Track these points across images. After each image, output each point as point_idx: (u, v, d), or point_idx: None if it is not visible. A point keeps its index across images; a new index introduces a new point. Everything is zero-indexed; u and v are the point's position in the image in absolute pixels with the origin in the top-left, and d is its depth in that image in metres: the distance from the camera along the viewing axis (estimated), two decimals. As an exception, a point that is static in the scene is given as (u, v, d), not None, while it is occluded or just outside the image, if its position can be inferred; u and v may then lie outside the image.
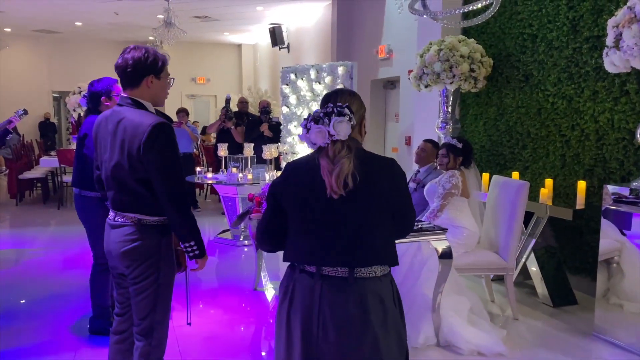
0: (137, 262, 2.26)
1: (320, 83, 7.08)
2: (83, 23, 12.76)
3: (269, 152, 5.95)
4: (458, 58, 4.97)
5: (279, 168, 6.81)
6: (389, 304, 1.82)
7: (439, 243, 3.36)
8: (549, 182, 4.41)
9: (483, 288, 4.39)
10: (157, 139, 2.15)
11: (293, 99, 7.55)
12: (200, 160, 10.29)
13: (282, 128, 7.74)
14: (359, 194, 1.77)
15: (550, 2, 4.66)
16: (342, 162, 1.74)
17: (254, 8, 10.84)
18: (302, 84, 7.37)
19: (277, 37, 12.04)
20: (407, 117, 7.36)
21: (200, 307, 4.19)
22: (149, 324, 2.31)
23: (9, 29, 13.54)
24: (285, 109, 7.69)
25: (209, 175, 6.51)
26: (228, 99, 8.11)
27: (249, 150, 6.27)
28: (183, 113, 8.33)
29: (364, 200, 1.79)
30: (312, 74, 7.19)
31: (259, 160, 6.50)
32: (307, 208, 1.82)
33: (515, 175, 4.75)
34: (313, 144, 1.81)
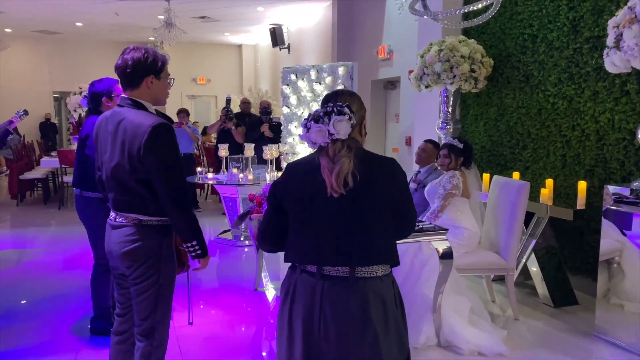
0: (137, 262, 2.26)
1: (321, 83, 7.08)
2: (84, 23, 12.77)
3: (270, 152, 5.96)
4: (458, 58, 4.97)
5: (280, 168, 6.81)
6: (390, 305, 1.82)
7: (440, 243, 3.36)
8: (550, 182, 4.41)
9: (484, 288, 4.39)
10: (157, 140, 2.15)
11: (293, 100, 7.55)
12: (201, 161, 10.29)
13: (282, 128, 7.74)
14: (359, 193, 1.77)
15: (551, 2, 4.66)
16: (342, 161, 1.75)
17: (255, 8, 10.84)
18: (302, 85, 7.37)
19: (277, 37, 12.05)
20: (407, 117, 7.36)
21: (201, 307, 4.19)
22: (150, 325, 2.31)
23: (10, 30, 13.55)
24: (286, 110, 7.69)
25: (210, 176, 6.52)
26: (228, 100, 8.11)
27: (250, 151, 6.28)
28: (184, 113, 8.34)
29: (364, 200, 1.79)
30: (312, 75, 7.19)
31: (260, 161, 6.50)
32: (307, 207, 1.83)
33: (516, 176, 4.75)
34: (313, 144, 1.81)
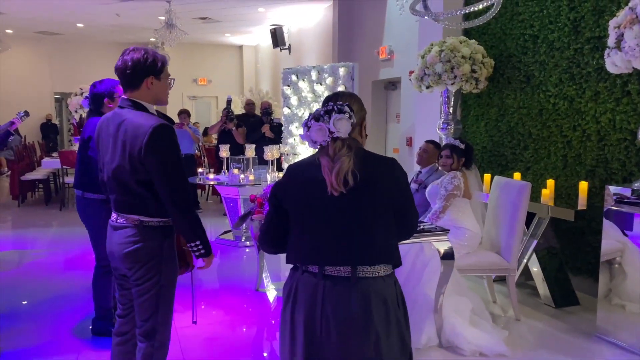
0: (139, 263, 2.26)
1: (322, 84, 7.08)
2: (84, 24, 12.78)
3: (271, 153, 5.96)
4: (459, 59, 4.97)
5: (281, 169, 6.81)
6: (392, 305, 1.82)
7: (441, 244, 3.36)
8: (551, 182, 4.41)
9: (485, 289, 4.39)
10: (158, 141, 2.15)
11: (294, 100, 7.55)
12: (202, 162, 10.29)
13: (283, 129, 7.74)
14: (360, 193, 1.78)
15: (552, 3, 4.66)
16: (342, 160, 1.75)
17: (255, 9, 10.85)
18: (303, 85, 7.37)
19: (278, 38, 12.06)
20: (408, 118, 7.36)
21: (203, 308, 4.19)
22: (152, 326, 2.31)
23: (11, 31, 13.56)
24: (287, 110, 7.69)
25: (211, 177, 6.52)
26: (229, 100, 8.11)
27: (251, 151, 6.28)
28: (185, 114, 8.34)
29: (365, 199, 1.79)
30: (313, 75, 7.19)
31: (261, 161, 6.51)
32: (308, 207, 1.83)
33: (517, 176, 4.75)
34: (314, 143, 1.81)
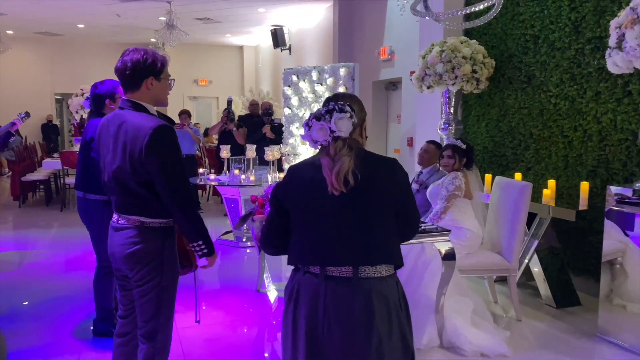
0: (140, 264, 2.26)
1: (322, 84, 7.08)
2: (85, 25, 12.79)
3: (271, 153, 5.96)
4: (460, 59, 4.96)
5: (281, 169, 6.81)
6: (394, 305, 1.82)
7: (442, 244, 3.36)
8: (552, 183, 4.40)
9: (486, 289, 4.39)
10: (158, 142, 2.15)
11: (295, 101, 7.54)
12: (203, 162, 10.30)
13: (284, 129, 7.74)
14: (360, 192, 1.78)
15: (553, 3, 4.66)
16: (342, 159, 1.75)
17: (256, 10, 10.85)
18: (304, 86, 7.37)
19: (278, 38, 12.06)
20: (409, 118, 7.36)
21: (204, 308, 4.19)
22: (153, 327, 2.31)
23: (11, 32, 13.57)
24: (287, 111, 7.68)
25: (212, 177, 6.52)
26: (230, 101, 8.11)
27: (252, 152, 6.28)
28: (185, 115, 8.34)
29: (365, 199, 1.79)
30: (314, 76, 7.18)
31: (261, 162, 6.50)
32: (309, 207, 1.83)
33: (518, 176, 4.74)
34: (315, 142, 1.81)
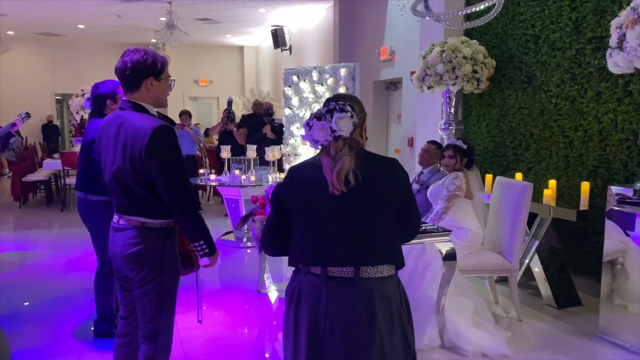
0: (140, 265, 2.26)
1: (323, 85, 7.08)
2: (86, 26, 12.80)
3: (272, 153, 5.96)
4: (461, 59, 4.96)
5: (282, 170, 6.81)
6: (396, 305, 1.82)
7: (443, 245, 3.35)
8: (553, 183, 4.40)
9: (487, 289, 4.39)
10: (158, 142, 2.15)
11: (295, 101, 7.55)
12: (203, 162, 10.30)
13: (284, 130, 7.74)
14: (361, 192, 1.78)
15: (553, 3, 4.65)
16: (343, 159, 1.76)
17: (256, 10, 10.85)
18: (304, 86, 7.37)
19: (279, 39, 12.06)
20: (409, 118, 7.36)
21: (204, 308, 4.19)
22: (154, 327, 2.31)
23: (12, 32, 13.58)
24: (288, 111, 7.69)
25: (212, 177, 6.52)
26: (230, 101, 8.11)
27: (252, 152, 6.28)
28: (186, 115, 8.34)
29: (366, 199, 1.79)
30: (314, 76, 7.18)
31: (262, 162, 6.51)
32: (310, 207, 1.83)
33: (519, 177, 4.74)
34: (316, 142, 1.81)
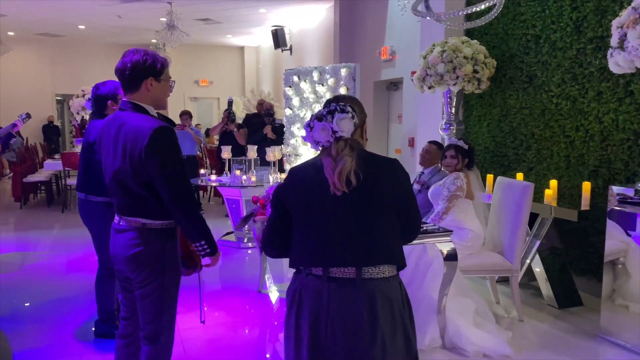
0: (141, 266, 2.26)
1: (323, 85, 7.08)
2: (86, 26, 12.80)
3: (273, 154, 5.96)
4: (461, 59, 4.96)
5: (283, 170, 6.81)
6: (398, 306, 1.82)
7: (444, 245, 3.35)
8: (554, 183, 4.40)
9: (488, 290, 4.38)
10: (158, 143, 2.15)
11: (296, 101, 7.55)
12: (204, 163, 10.30)
13: (285, 130, 7.74)
14: (362, 193, 1.78)
15: (554, 2, 4.65)
16: (344, 159, 1.76)
17: (257, 10, 10.86)
18: (305, 86, 7.37)
19: (279, 39, 12.06)
20: (410, 118, 7.35)
21: (205, 309, 4.19)
22: (155, 328, 2.31)
23: (12, 33, 13.59)
24: (288, 111, 7.69)
25: (213, 178, 6.52)
26: (230, 102, 8.11)
27: (253, 153, 6.28)
28: (186, 116, 8.33)
29: (367, 199, 1.79)
30: (315, 76, 7.18)
31: (263, 163, 6.50)
32: (311, 208, 1.83)
33: (520, 177, 4.74)
34: (317, 143, 1.81)
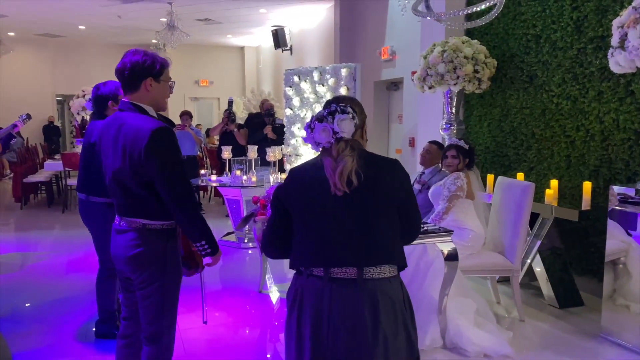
0: (142, 267, 2.26)
1: (324, 85, 7.08)
2: (86, 27, 12.81)
3: (273, 154, 5.95)
4: (462, 59, 4.96)
5: (283, 170, 6.81)
6: (399, 306, 1.82)
7: (445, 245, 3.35)
8: (554, 183, 4.39)
9: (489, 290, 4.38)
10: (157, 143, 2.15)
11: (296, 101, 7.55)
12: (204, 163, 10.31)
13: (285, 130, 7.74)
14: (363, 193, 1.78)
15: (554, 2, 4.65)
16: (345, 159, 1.76)
17: (257, 10, 10.86)
18: (305, 86, 7.37)
19: (280, 39, 12.06)
20: (410, 118, 7.35)
21: (206, 309, 4.19)
22: (156, 329, 2.31)
23: (13, 33, 13.59)
24: (289, 111, 7.69)
25: (213, 178, 6.52)
26: (230, 102, 8.11)
27: (253, 153, 6.28)
28: (186, 116, 8.33)
29: (368, 199, 1.79)
30: (315, 76, 7.18)
31: (263, 163, 6.50)
32: (312, 208, 1.83)
33: (520, 177, 4.73)
34: (317, 144, 1.81)
